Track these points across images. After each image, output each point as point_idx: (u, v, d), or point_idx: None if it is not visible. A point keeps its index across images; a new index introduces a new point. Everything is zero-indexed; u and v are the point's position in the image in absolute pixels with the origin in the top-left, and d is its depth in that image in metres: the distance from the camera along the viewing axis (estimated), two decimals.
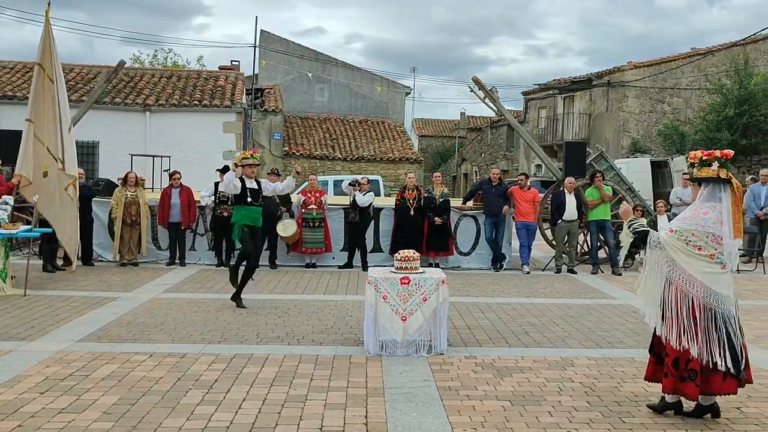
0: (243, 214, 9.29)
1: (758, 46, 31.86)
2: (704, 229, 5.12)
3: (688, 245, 5.14)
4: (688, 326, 5.07)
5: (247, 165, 9.34)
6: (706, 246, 5.11)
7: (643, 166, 24.36)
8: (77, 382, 5.85)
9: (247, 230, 9.26)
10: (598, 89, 32.91)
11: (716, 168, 5.21)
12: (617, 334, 8.08)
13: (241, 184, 9.26)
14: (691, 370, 5.06)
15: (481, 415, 5.25)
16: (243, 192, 9.25)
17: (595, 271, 13.31)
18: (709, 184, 5.26)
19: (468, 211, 14.03)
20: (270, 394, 5.65)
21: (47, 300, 9.48)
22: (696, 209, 5.27)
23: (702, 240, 5.12)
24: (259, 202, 9.42)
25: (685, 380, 5.08)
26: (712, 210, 5.17)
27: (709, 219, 5.14)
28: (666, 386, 5.19)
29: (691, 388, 5.07)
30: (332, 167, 30.16)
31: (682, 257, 5.13)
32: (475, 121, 50.76)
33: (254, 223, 9.38)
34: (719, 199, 5.19)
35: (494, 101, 15.23)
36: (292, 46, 36.23)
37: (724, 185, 5.21)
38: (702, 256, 5.11)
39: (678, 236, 5.17)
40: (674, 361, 5.12)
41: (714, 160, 5.22)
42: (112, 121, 22.68)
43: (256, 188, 9.42)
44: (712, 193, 5.23)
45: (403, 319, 6.92)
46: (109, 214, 13.27)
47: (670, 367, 5.14)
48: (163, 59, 46.43)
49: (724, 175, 5.20)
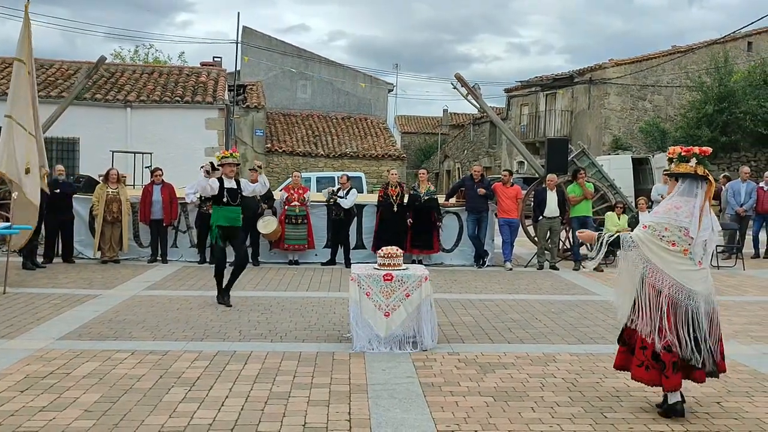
0: (220, 214, 9.16)
1: (738, 44, 32.20)
2: (677, 222, 5.15)
3: (662, 240, 5.16)
4: (659, 321, 5.11)
5: (227, 164, 9.21)
6: (680, 241, 5.13)
7: (624, 163, 24.53)
8: (58, 380, 5.80)
9: (221, 232, 9.14)
10: (580, 86, 33.09)
11: (694, 164, 5.23)
12: (599, 330, 8.13)
13: (219, 184, 9.12)
14: (662, 362, 5.11)
15: (464, 411, 5.26)
16: (220, 192, 9.11)
17: (576, 268, 13.37)
18: (686, 180, 5.28)
19: (450, 208, 14.06)
20: (253, 391, 5.64)
21: (27, 297, 9.40)
22: (669, 203, 5.30)
23: (675, 235, 5.13)
24: (237, 202, 9.24)
25: (660, 372, 5.13)
26: (686, 204, 5.19)
27: (681, 213, 5.16)
28: (650, 379, 5.21)
29: (664, 380, 5.12)
30: (315, 164, 30.10)
31: (657, 253, 5.16)
32: (458, 118, 50.85)
33: (232, 223, 9.22)
34: (695, 195, 5.21)
35: (477, 98, 15.26)
36: (275, 43, 36.10)
37: (700, 181, 5.24)
38: (676, 252, 5.14)
39: (652, 231, 5.20)
40: (653, 354, 5.16)
41: (692, 156, 5.24)
42: (93, 118, 22.44)
43: (235, 188, 9.24)
44: (688, 189, 5.24)
45: (386, 315, 6.93)
46: (90, 211, 13.17)
47: (650, 360, 5.17)
48: (144, 55, 46.13)
49: (701, 172, 5.23)
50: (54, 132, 16.40)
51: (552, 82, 34.81)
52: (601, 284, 11.63)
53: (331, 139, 32.15)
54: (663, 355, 5.10)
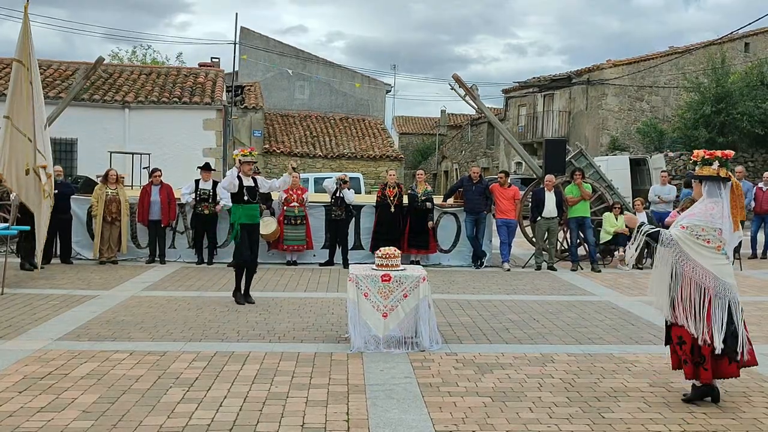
0: (241, 212, 9.35)
1: (735, 45, 32.25)
2: (712, 224, 5.43)
3: (698, 239, 5.43)
4: (700, 315, 5.36)
5: (245, 162, 9.42)
6: (714, 239, 5.43)
7: (622, 164, 24.54)
8: (56, 381, 5.80)
9: (243, 231, 9.28)
10: (578, 87, 33.12)
11: (716, 167, 5.52)
12: (597, 331, 8.14)
13: (239, 182, 9.29)
14: (702, 356, 5.37)
15: (462, 412, 5.27)
16: (240, 190, 9.31)
17: (574, 268, 13.39)
18: (708, 182, 5.55)
19: (448, 209, 14.07)
20: (251, 392, 5.64)
21: (25, 298, 9.39)
22: (703, 206, 5.55)
23: (710, 234, 5.43)
24: (255, 200, 9.50)
25: (699, 365, 5.40)
26: (717, 206, 5.48)
27: (716, 214, 5.45)
28: (687, 372, 5.49)
29: (702, 372, 5.39)
30: (313, 165, 30.11)
31: (694, 249, 5.43)
32: (456, 119, 50.87)
33: (252, 220, 9.48)
34: (720, 196, 5.50)
35: (474, 99, 15.27)
36: (273, 43, 36.12)
37: (723, 183, 5.51)
38: (711, 248, 5.43)
39: (690, 232, 5.47)
40: (691, 348, 5.42)
41: (715, 159, 5.53)
42: (91, 119, 22.45)
43: (253, 186, 9.47)
44: (711, 191, 5.53)
45: (384, 315, 6.94)
46: (88, 211, 13.16)
47: (689, 354, 5.44)
48: (142, 56, 46.11)
49: (723, 174, 5.51)
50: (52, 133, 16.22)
51: (550, 83, 34.83)
52: (599, 285, 11.65)
53: (328, 140, 32.16)
54: (704, 348, 5.35)
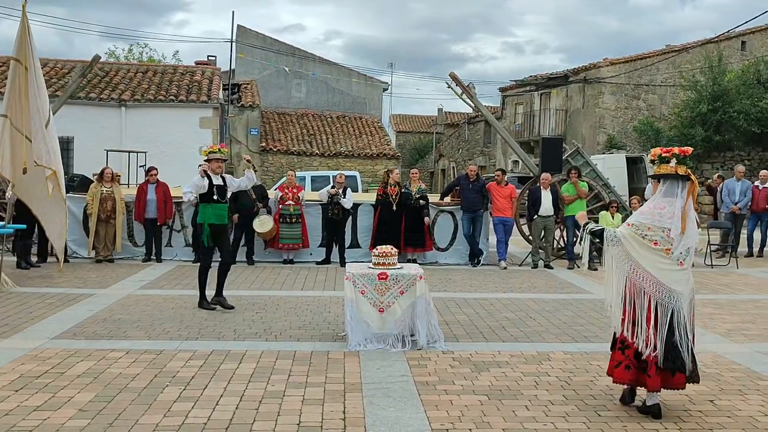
0: (210, 212, 8.82)
1: (731, 43, 32.26)
2: (660, 224, 5.16)
3: (644, 239, 5.18)
4: (639, 321, 5.12)
5: (214, 159, 8.89)
6: (662, 241, 5.15)
7: (618, 162, 24.51)
8: (52, 380, 5.80)
9: (210, 231, 8.81)
10: (575, 86, 33.13)
11: (674, 165, 5.22)
12: (593, 329, 8.15)
13: (207, 181, 8.78)
14: (645, 361, 5.12)
15: (459, 410, 5.27)
16: (209, 189, 8.79)
17: (571, 267, 13.40)
18: (667, 181, 5.28)
19: (445, 207, 14.07)
20: (247, 391, 5.64)
21: (22, 297, 9.38)
22: (653, 204, 5.32)
23: (658, 235, 5.16)
24: (225, 199, 8.99)
25: (643, 372, 5.14)
26: (669, 205, 5.20)
27: (665, 214, 5.17)
28: (629, 379, 5.22)
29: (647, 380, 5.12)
30: (310, 163, 30.10)
31: (638, 251, 5.18)
32: (453, 117, 50.81)
33: (221, 221, 8.94)
34: (676, 195, 5.21)
35: (471, 97, 15.30)
36: (269, 42, 36.07)
37: (682, 182, 5.23)
38: (658, 250, 5.16)
39: (635, 230, 5.22)
40: (635, 353, 5.18)
41: (672, 156, 5.24)
42: (87, 117, 22.44)
43: (222, 185, 8.95)
44: (670, 189, 5.25)
45: (380, 311, 6.96)
46: (84, 209, 13.15)
47: (632, 359, 5.19)
48: (139, 54, 46.05)
49: (682, 172, 5.22)
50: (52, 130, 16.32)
51: (547, 81, 34.83)
52: (595, 283, 11.65)
53: (325, 138, 32.14)
54: (647, 356, 5.10)
